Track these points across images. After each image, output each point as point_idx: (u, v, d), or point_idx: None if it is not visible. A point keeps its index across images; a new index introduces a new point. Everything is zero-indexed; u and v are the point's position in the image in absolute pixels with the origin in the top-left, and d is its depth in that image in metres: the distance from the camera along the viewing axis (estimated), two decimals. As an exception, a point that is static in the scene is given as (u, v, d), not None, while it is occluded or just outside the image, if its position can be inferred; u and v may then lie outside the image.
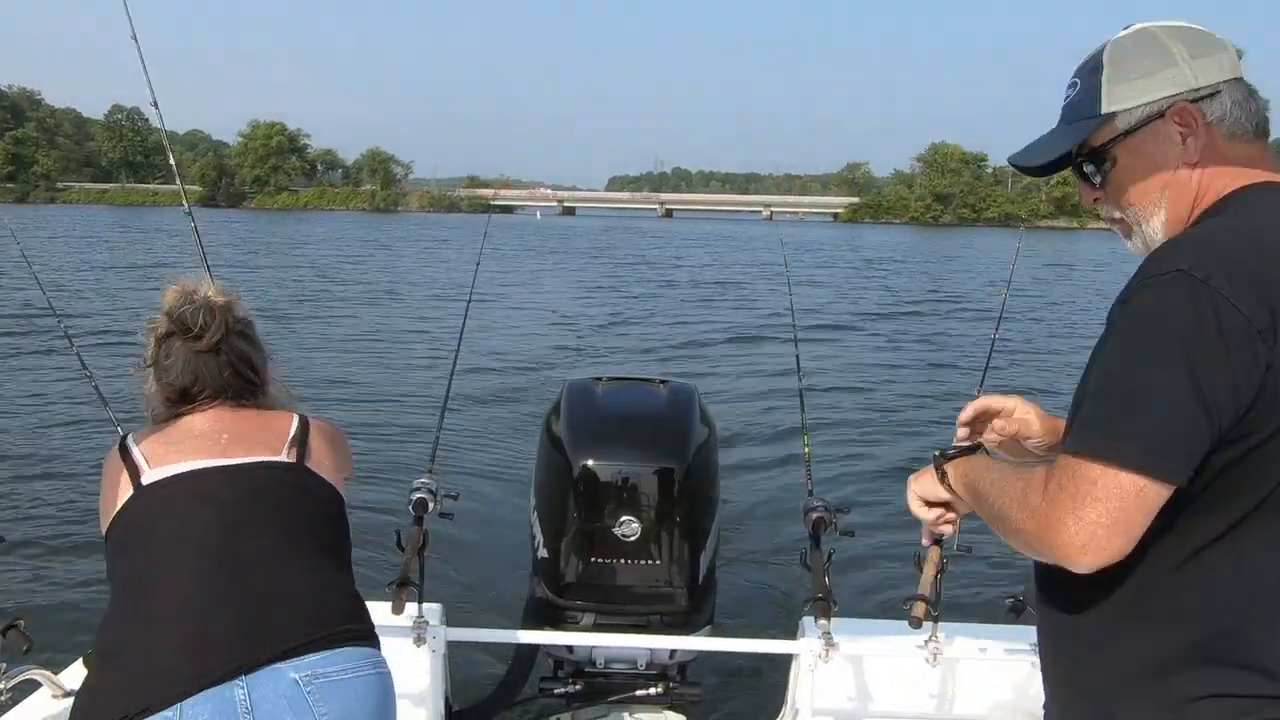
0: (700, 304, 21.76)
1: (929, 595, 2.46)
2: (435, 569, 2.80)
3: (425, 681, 2.73)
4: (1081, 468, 1.15)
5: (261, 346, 1.92)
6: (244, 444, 1.76)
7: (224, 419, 1.81)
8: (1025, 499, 1.22)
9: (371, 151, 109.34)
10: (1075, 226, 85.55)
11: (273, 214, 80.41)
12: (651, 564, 2.74)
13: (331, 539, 1.79)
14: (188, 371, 1.79)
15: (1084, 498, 1.14)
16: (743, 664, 4.08)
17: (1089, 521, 1.13)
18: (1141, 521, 1.14)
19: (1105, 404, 1.17)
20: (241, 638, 1.53)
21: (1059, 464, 1.19)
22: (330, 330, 15.74)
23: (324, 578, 1.71)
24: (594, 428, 2.86)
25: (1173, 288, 1.14)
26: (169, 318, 1.81)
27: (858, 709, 2.76)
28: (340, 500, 1.87)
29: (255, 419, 1.83)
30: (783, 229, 73.83)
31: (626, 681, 2.89)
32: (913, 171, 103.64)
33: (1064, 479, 1.17)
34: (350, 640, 1.63)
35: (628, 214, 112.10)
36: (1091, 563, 1.15)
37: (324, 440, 1.88)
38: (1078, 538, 1.14)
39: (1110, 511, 1.13)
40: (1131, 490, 1.12)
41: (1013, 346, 14.97)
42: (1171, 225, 1.33)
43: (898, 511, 6.66)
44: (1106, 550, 1.14)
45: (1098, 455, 1.14)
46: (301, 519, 1.74)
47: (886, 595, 5.12)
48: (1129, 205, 1.37)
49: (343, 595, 1.72)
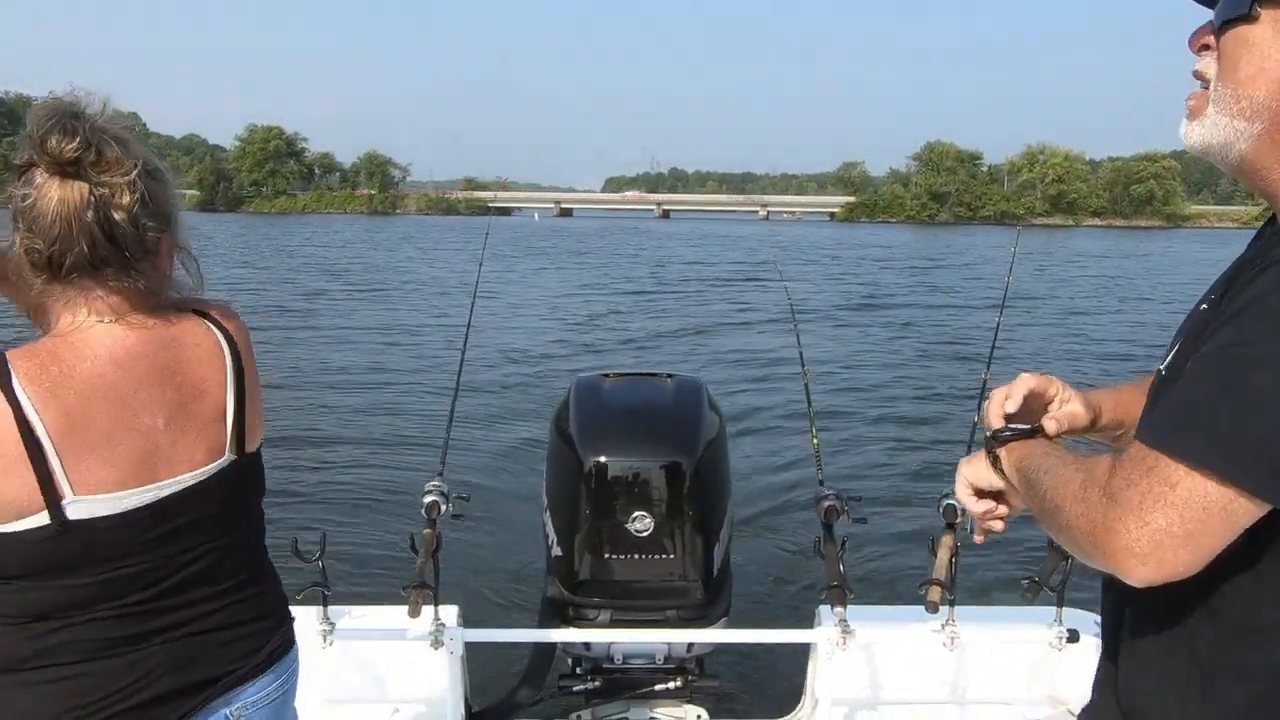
0: (702, 300, 21.76)
1: (944, 579, 2.46)
2: (450, 571, 2.80)
3: (444, 684, 2.73)
4: (1161, 465, 0.96)
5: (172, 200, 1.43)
6: (182, 433, 1.37)
7: (138, 365, 1.35)
8: (1083, 493, 1.03)
9: (369, 155, 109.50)
10: (1071, 224, 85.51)
11: (271, 218, 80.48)
12: (666, 558, 2.74)
13: (259, 534, 1.55)
14: (56, 223, 1.28)
15: (1156, 500, 0.95)
16: (760, 654, 4.08)
17: (1156, 528, 0.95)
18: (1220, 538, 0.95)
19: (1208, 393, 0.95)
20: (178, 685, 1.38)
21: (1131, 455, 1.00)
22: (333, 334, 15.73)
23: (254, 594, 1.51)
24: (603, 424, 2.86)
25: None
26: (30, 140, 1.29)
27: (876, 695, 2.76)
28: (260, 467, 1.54)
29: (177, 364, 1.39)
30: (780, 229, 73.80)
31: (645, 676, 2.89)
32: (908, 170, 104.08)
33: (1134, 473, 0.98)
34: (274, 660, 1.52)
35: (625, 215, 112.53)
36: (1149, 576, 0.97)
37: (253, 363, 1.50)
38: (1139, 544, 0.96)
39: (1185, 521, 0.94)
40: (1219, 502, 0.93)
41: (1015, 335, 14.97)
42: (1258, 153, 1.07)
43: (910, 497, 6.71)
44: (1170, 564, 0.96)
45: (1185, 454, 0.94)
46: (238, 535, 1.48)
47: (901, 581, 5.13)
48: (1232, 81, 1.06)
49: (269, 603, 1.54)
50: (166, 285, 1.44)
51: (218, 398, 1.42)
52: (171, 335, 1.40)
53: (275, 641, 1.52)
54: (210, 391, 1.42)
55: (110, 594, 1.32)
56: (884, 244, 51.95)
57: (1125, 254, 33.43)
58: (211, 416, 1.41)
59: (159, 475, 1.34)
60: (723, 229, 75.06)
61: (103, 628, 1.32)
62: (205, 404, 1.41)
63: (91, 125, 1.30)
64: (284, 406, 9.65)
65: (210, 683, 1.41)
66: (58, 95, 1.33)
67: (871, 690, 2.76)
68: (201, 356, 1.42)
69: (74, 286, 1.33)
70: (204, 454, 1.39)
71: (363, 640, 2.76)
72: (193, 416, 1.39)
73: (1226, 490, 0.93)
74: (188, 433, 1.38)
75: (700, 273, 29.43)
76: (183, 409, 1.38)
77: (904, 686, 2.78)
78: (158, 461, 1.34)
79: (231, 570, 1.45)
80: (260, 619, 1.51)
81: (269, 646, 1.50)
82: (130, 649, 1.34)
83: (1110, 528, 0.98)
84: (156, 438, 1.34)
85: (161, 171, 1.41)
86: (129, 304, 1.37)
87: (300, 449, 7.92)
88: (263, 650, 1.49)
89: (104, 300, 1.35)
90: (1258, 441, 0.91)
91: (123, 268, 1.34)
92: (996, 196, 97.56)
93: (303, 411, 9.63)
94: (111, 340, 1.34)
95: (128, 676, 1.34)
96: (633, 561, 2.74)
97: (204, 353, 1.43)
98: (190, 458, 1.38)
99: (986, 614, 2.81)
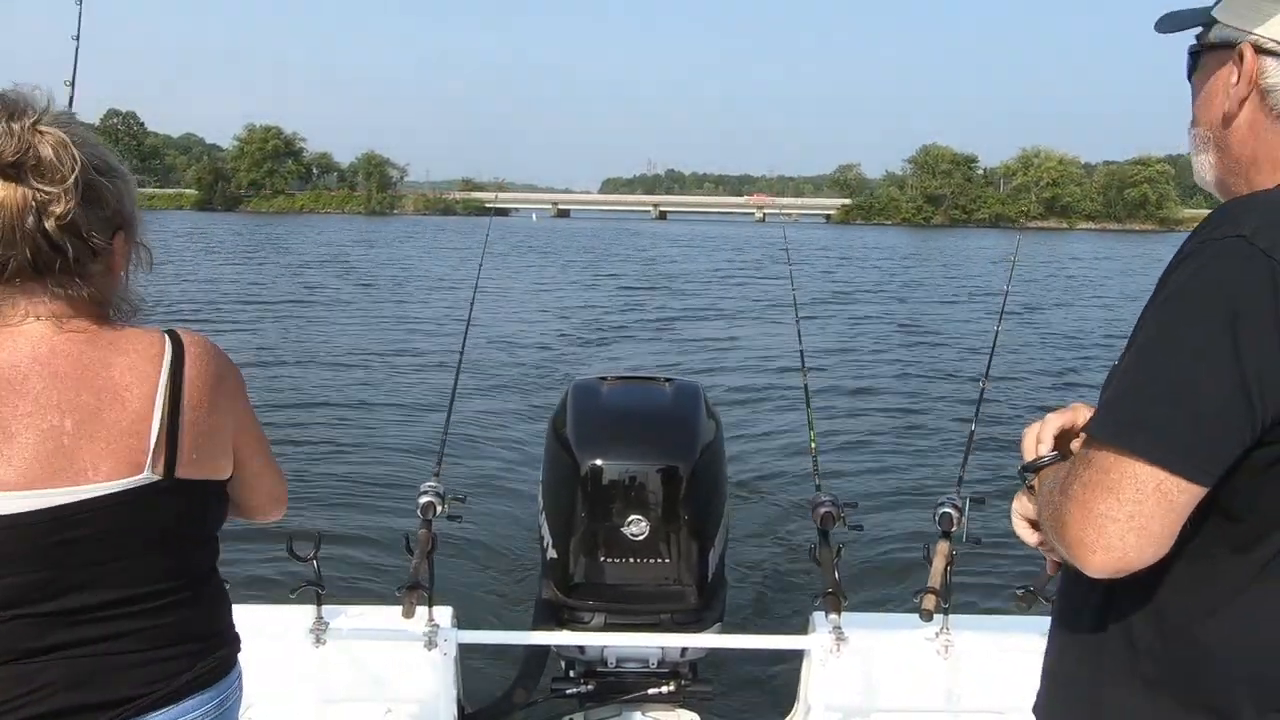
0: (702, 302, 21.76)
1: (939, 587, 2.47)
2: (444, 572, 2.81)
3: (437, 685, 2.73)
4: (1096, 455, 1.03)
5: (128, 197, 1.37)
6: (90, 440, 1.27)
7: (58, 362, 1.27)
8: (1050, 496, 1.10)
9: (367, 155, 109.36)
10: (1065, 227, 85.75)
11: (269, 217, 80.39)
12: (661, 562, 2.74)
13: (202, 559, 1.44)
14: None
15: (1095, 488, 1.01)
16: (754, 660, 4.07)
17: (1098, 513, 1.00)
18: (1162, 523, 0.99)
19: (1133, 383, 1.03)
20: (72, 704, 1.29)
21: (1077, 453, 1.08)
22: (331, 335, 15.72)
23: (184, 617, 1.39)
24: (601, 427, 2.86)
25: (1228, 256, 0.98)
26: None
27: (869, 703, 2.76)
28: (217, 500, 1.43)
29: (101, 365, 1.30)
30: (776, 230, 73.95)
31: (638, 680, 2.88)
32: (904, 173, 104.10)
33: (1078, 468, 1.05)
34: (195, 689, 1.40)
35: (622, 216, 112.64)
36: (1103, 564, 1.01)
37: (208, 391, 1.35)
38: (1087, 533, 1.01)
39: (1123, 504, 0.99)
40: (1149, 484, 0.98)
41: (1014, 339, 14.98)
42: (1220, 175, 1.20)
43: (906, 505, 6.71)
44: (1119, 550, 1.00)
45: (1115, 441, 1.01)
46: (165, 558, 1.35)
47: (897, 589, 5.12)
48: (1193, 124, 1.23)
49: (200, 628, 1.43)
50: (119, 288, 1.38)
51: (137, 408, 1.29)
52: (108, 339, 1.32)
53: (202, 667, 1.41)
54: (129, 401, 1.29)
55: (1, 602, 1.24)
56: (879, 246, 52.04)
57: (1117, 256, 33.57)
58: (127, 428, 1.28)
59: (58, 480, 1.24)
60: (720, 230, 75.24)
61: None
62: (121, 412, 1.28)
63: (32, 126, 1.24)
64: (283, 405, 9.65)
65: (114, 704, 1.31)
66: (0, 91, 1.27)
67: (865, 698, 2.76)
68: (132, 363, 1.31)
69: (15, 288, 1.28)
70: (111, 466, 1.27)
71: (356, 640, 2.76)
72: (104, 424, 1.27)
73: (1156, 471, 0.98)
74: (95, 440, 1.27)
75: (700, 273, 29.47)
76: (95, 414, 1.27)
77: (897, 694, 2.78)
78: (58, 465, 1.24)
79: (153, 593, 1.34)
80: (185, 642, 1.40)
81: (192, 672, 1.40)
82: (21, 661, 1.25)
83: (1063, 521, 1.04)
84: (61, 438, 1.25)
85: (114, 169, 1.34)
86: (71, 309, 1.31)
87: (296, 447, 7.92)
88: (184, 675, 1.38)
89: (45, 305, 1.30)
90: (1164, 420, 0.99)
91: (66, 273, 1.28)
92: (991, 200, 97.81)
93: (299, 410, 9.63)
94: (37, 336, 1.28)
95: (16, 689, 1.25)
96: (628, 565, 2.74)
97: (137, 359, 1.31)
98: (95, 466, 1.26)
99: (981, 622, 2.81)
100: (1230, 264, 0.98)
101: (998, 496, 1.99)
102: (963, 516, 2.56)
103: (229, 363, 1.42)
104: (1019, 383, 11.80)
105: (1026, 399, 10.58)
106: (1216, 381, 0.96)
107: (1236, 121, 1.15)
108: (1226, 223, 1.01)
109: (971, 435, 3.09)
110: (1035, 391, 11.18)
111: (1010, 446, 1.69)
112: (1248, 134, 1.14)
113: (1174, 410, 0.98)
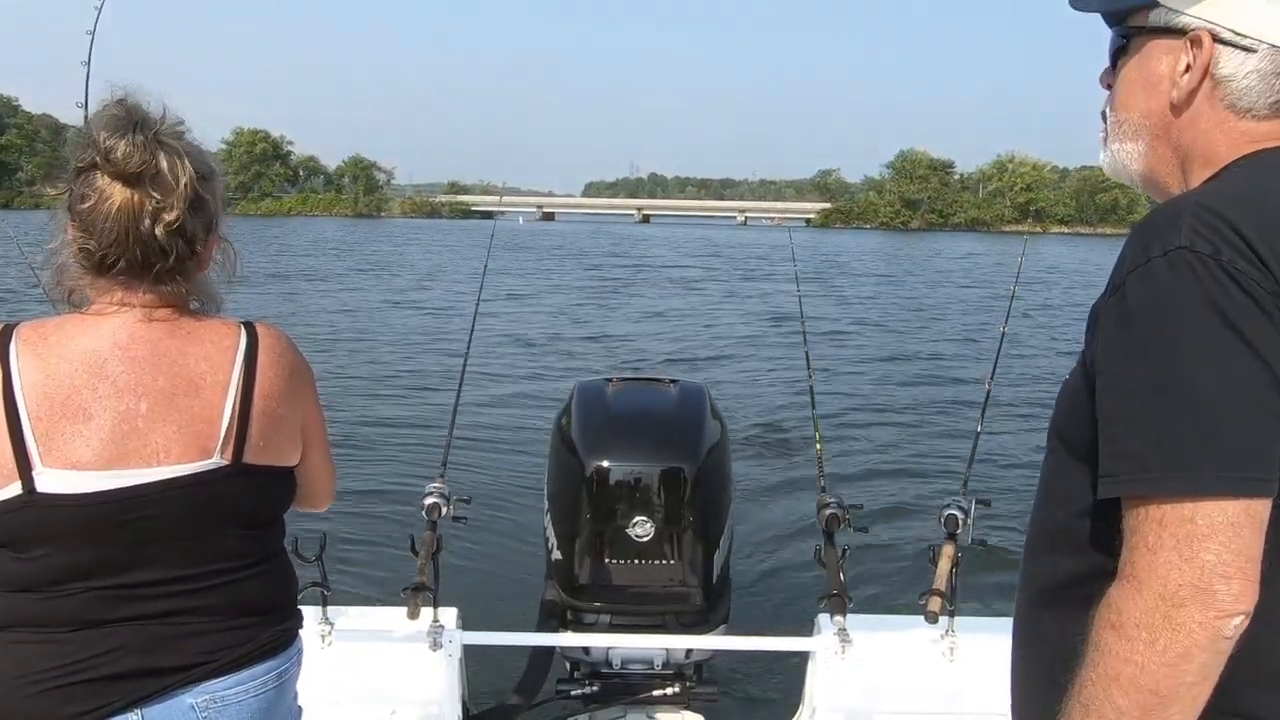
0: (702, 304, 21.75)
1: (944, 590, 2.46)
2: (449, 573, 2.80)
3: (442, 686, 2.73)
4: (1164, 512, 0.90)
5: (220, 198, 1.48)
6: (164, 423, 1.34)
7: (137, 348, 1.36)
8: (1108, 636, 0.93)
9: (354, 158, 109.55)
10: (1039, 231, 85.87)
11: (257, 220, 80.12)
12: (666, 564, 2.74)
13: (260, 538, 1.50)
14: (114, 229, 1.33)
15: (1188, 541, 0.89)
16: (759, 662, 4.07)
17: (1206, 564, 0.88)
18: (1259, 547, 0.90)
19: (1143, 425, 0.93)
20: (141, 666, 1.36)
21: (1134, 529, 0.94)
22: (331, 336, 15.74)
23: (248, 593, 1.47)
24: (605, 429, 2.86)
25: (1181, 267, 0.92)
26: (95, 145, 1.32)
27: (874, 705, 2.75)
28: (285, 484, 1.51)
29: (178, 354, 1.38)
30: (760, 234, 73.85)
31: (643, 682, 2.88)
32: (882, 178, 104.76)
33: (1149, 539, 0.91)
34: (257, 659, 1.47)
35: (606, 219, 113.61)
36: (1236, 607, 0.89)
37: (280, 381, 1.44)
38: (1204, 582, 0.88)
39: (1228, 543, 0.89)
40: (1240, 514, 0.89)
41: (1018, 340, 14.97)
42: (1149, 166, 1.16)
43: (911, 506, 6.70)
44: (1239, 585, 0.89)
45: (1176, 489, 0.90)
46: (224, 535, 1.43)
47: (902, 591, 5.11)
48: (1115, 109, 1.18)
49: (263, 602, 1.50)
50: (205, 282, 1.47)
51: (210, 396, 1.37)
52: (186, 329, 1.41)
53: (263, 640, 1.48)
54: (203, 388, 1.37)
55: (77, 573, 1.33)
56: (859, 249, 52.04)
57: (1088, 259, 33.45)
58: (199, 414, 1.37)
59: (131, 461, 1.32)
60: (703, 233, 75.19)
61: (67, 604, 1.33)
62: (196, 400, 1.37)
63: (155, 137, 1.35)
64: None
65: (175, 670, 1.39)
66: (119, 98, 1.38)
67: (869, 700, 2.75)
68: (208, 353, 1.40)
69: (117, 281, 1.38)
70: (182, 449, 1.35)
71: (361, 641, 2.76)
72: (178, 409, 1.35)
73: (1232, 502, 0.89)
74: (168, 423, 1.34)
75: (699, 274, 29.45)
76: (169, 399, 1.35)
77: (902, 697, 2.77)
78: (132, 446, 1.33)
79: (219, 570, 1.42)
80: (250, 615, 1.47)
81: (255, 643, 1.47)
82: (96, 627, 1.34)
83: (1178, 599, 0.89)
84: (135, 421, 1.33)
85: (213, 171, 1.45)
86: (160, 300, 1.40)
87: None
88: (246, 645, 1.46)
89: (138, 296, 1.39)
90: (1229, 443, 0.89)
91: (168, 272, 1.39)
92: (968, 204, 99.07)
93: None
94: (121, 322, 1.37)
95: (88, 651, 1.34)
96: (633, 566, 2.74)
97: (212, 349, 1.40)
98: (167, 450, 1.34)
99: (987, 625, 2.80)
100: (1187, 273, 0.92)
101: (1003, 499, 1.98)
102: (968, 518, 2.55)
103: (301, 355, 1.52)
104: (1024, 385, 11.77)
105: (1033, 400, 10.56)
106: (1246, 377, 0.89)
107: (1186, 113, 1.10)
108: (1157, 241, 0.95)
109: (977, 437, 3.09)
110: (1040, 392, 11.15)
111: (1017, 448, 1.69)
112: (1189, 126, 1.11)
113: (1216, 427, 0.89)
